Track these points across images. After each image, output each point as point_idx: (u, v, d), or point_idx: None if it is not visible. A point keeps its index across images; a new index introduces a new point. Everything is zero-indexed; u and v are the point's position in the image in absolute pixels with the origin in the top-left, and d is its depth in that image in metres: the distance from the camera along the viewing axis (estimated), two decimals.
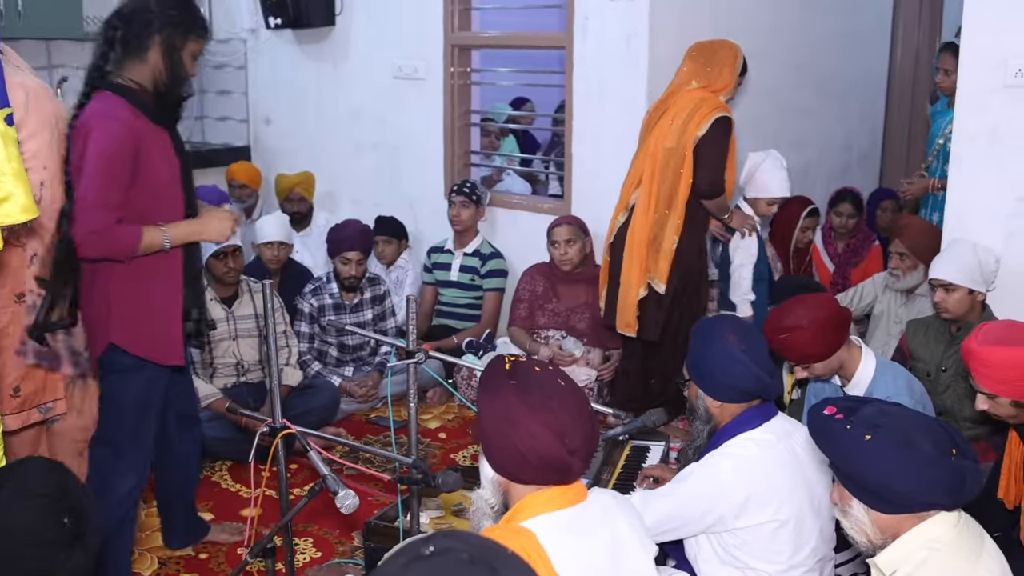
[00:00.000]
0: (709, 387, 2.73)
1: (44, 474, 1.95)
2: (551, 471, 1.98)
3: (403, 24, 5.90)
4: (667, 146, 4.37)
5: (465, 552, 1.25)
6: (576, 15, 5.17)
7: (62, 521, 1.87)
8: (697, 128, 4.32)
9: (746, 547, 2.63)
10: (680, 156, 4.35)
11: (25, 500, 1.87)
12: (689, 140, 4.32)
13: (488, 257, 5.51)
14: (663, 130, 4.40)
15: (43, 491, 1.89)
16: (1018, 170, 3.81)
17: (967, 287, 3.72)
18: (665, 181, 4.40)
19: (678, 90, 4.48)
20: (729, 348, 2.65)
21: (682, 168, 4.36)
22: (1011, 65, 3.74)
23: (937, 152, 5.30)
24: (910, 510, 2.00)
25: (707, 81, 4.43)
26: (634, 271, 4.47)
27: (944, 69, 5.17)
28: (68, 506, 1.89)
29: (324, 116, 6.48)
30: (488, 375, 2.08)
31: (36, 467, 1.99)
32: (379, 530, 3.23)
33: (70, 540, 1.87)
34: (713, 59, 4.45)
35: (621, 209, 4.59)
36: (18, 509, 1.85)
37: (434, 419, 4.95)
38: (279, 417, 2.70)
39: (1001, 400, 2.79)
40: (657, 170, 4.42)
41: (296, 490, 4.07)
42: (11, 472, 1.97)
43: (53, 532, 1.85)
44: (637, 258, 4.46)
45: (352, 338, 5.06)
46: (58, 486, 1.92)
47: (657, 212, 4.42)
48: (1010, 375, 2.74)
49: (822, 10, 6.02)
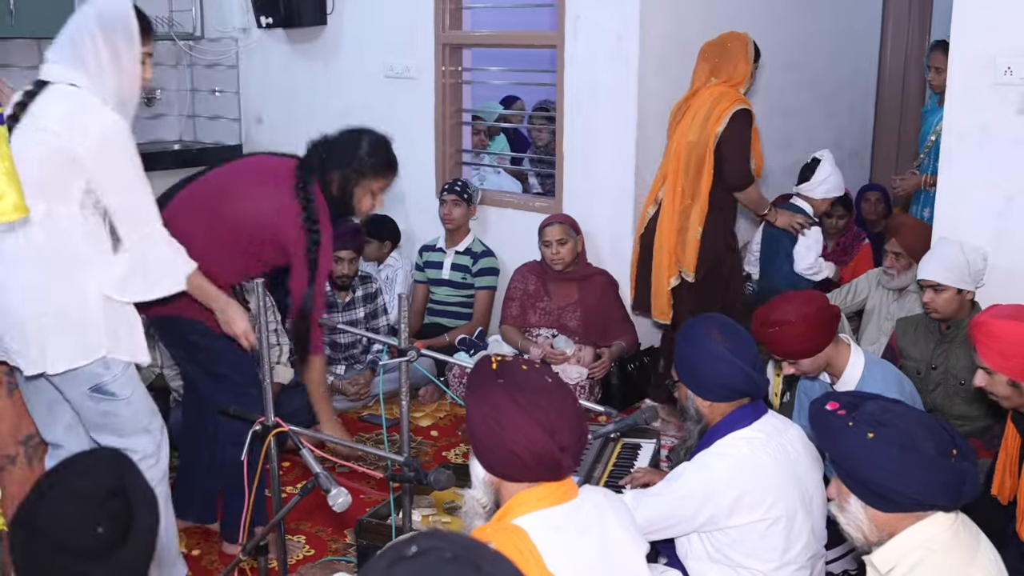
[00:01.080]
0: (697, 387, 2.74)
1: (99, 473, 1.82)
2: (542, 469, 1.98)
3: (394, 23, 5.90)
4: (689, 140, 4.51)
5: (448, 551, 1.25)
6: (567, 14, 5.18)
7: (95, 530, 1.74)
8: (717, 124, 4.44)
9: (738, 545, 2.64)
10: (702, 151, 4.48)
11: (68, 500, 1.76)
12: (710, 136, 4.45)
13: (480, 255, 5.52)
14: (685, 128, 4.54)
15: (89, 492, 1.77)
16: (1008, 168, 3.82)
17: (956, 287, 3.73)
18: (688, 175, 4.54)
19: (701, 88, 4.59)
20: (715, 347, 2.66)
21: (704, 162, 4.49)
22: (1000, 63, 3.76)
23: (929, 149, 5.33)
24: (908, 509, 2.00)
25: (726, 76, 4.54)
26: (664, 261, 4.63)
27: (935, 67, 5.20)
28: (111, 512, 1.76)
29: (316, 115, 6.46)
30: (476, 375, 2.08)
31: (95, 463, 1.87)
32: (371, 528, 3.23)
33: (102, 551, 1.74)
34: (725, 54, 4.55)
35: (651, 202, 4.75)
36: (56, 510, 1.75)
37: (426, 417, 4.96)
38: (271, 415, 2.71)
39: (998, 378, 2.81)
40: (680, 165, 4.56)
41: (289, 488, 4.07)
42: (68, 467, 1.86)
43: (83, 541, 1.73)
44: (667, 248, 4.61)
45: (344, 336, 5.06)
46: (109, 488, 1.78)
47: (682, 204, 4.56)
48: (1012, 350, 2.77)
49: (813, 10, 6.04)
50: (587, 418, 2.13)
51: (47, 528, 1.74)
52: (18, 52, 6.16)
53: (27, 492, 1.83)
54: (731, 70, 4.52)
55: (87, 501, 1.76)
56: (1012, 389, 2.80)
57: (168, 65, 7.01)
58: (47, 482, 1.83)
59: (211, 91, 7.00)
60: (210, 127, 7.09)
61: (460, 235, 5.54)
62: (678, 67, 5.21)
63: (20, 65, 6.21)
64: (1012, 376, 2.78)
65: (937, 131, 4.96)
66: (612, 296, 5.10)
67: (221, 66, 6.87)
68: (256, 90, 6.78)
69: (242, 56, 6.74)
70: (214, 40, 6.83)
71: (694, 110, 4.53)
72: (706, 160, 4.47)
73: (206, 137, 7.11)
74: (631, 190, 5.13)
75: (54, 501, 1.77)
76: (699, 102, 4.53)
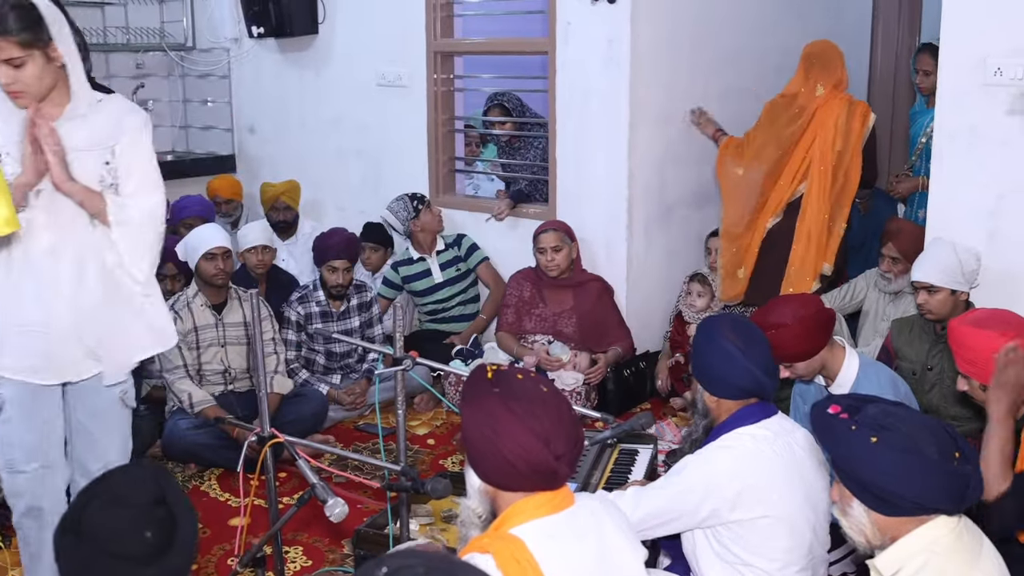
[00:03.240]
0: (706, 381, 2.76)
1: (142, 483, 1.90)
2: (538, 477, 1.98)
3: (386, 31, 5.91)
4: (837, 149, 4.79)
5: (421, 566, 1.26)
6: (558, 20, 5.18)
7: (144, 535, 1.83)
8: (863, 128, 4.80)
9: (741, 541, 2.63)
10: (850, 156, 4.79)
11: (116, 508, 1.84)
12: (858, 141, 4.80)
13: (457, 240, 5.59)
14: (827, 133, 4.78)
15: (135, 501, 1.86)
16: (999, 168, 3.83)
17: (949, 288, 3.74)
18: (837, 178, 4.81)
19: (806, 93, 4.82)
20: (726, 345, 2.68)
21: (852, 166, 4.81)
22: (990, 64, 3.77)
23: (920, 151, 5.34)
24: (911, 513, 1.99)
25: (833, 82, 4.79)
26: (809, 261, 4.85)
27: (923, 70, 5.21)
28: (157, 518, 1.86)
29: (308, 124, 6.48)
30: (471, 385, 2.08)
31: (137, 474, 1.96)
32: (369, 537, 3.23)
33: (151, 555, 1.84)
34: (828, 62, 4.81)
35: (773, 212, 4.97)
36: (106, 518, 1.83)
37: (422, 425, 4.96)
38: (267, 426, 2.70)
39: (973, 383, 2.82)
40: (828, 170, 4.81)
41: (285, 499, 4.06)
42: (112, 477, 1.95)
43: (134, 546, 1.83)
44: (815, 249, 4.82)
45: (339, 346, 5.06)
46: (153, 497, 1.87)
47: (829, 205, 4.82)
48: (972, 356, 2.79)
49: (802, 11, 6.05)
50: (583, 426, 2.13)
51: (98, 534, 1.82)
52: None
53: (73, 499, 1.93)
54: (836, 77, 4.79)
55: (134, 509, 1.85)
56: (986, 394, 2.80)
57: (160, 76, 7.02)
58: (92, 491, 1.89)
59: (203, 101, 7.00)
60: (203, 138, 7.08)
61: (433, 238, 5.55)
62: (670, 71, 5.23)
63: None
64: (982, 381, 2.79)
65: (928, 132, 4.98)
66: (607, 302, 5.11)
67: (213, 76, 6.87)
68: (248, 100, 6.77)
69: (234, 66, 6.74)
70: (205, 51, 6.83)
71: (820, 119, 4.77)
72: (854, 164, 4.79)
73: (199, 148, 7.11)
74: (624, 195, 5.13)
75: (103, 509, 1.84)
76: (826, 112, 4.76)
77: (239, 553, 3.12)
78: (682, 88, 5.33)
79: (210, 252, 4.46)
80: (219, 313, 4.57)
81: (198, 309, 4.52)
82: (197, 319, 4.51)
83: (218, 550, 3.74)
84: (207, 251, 4.46)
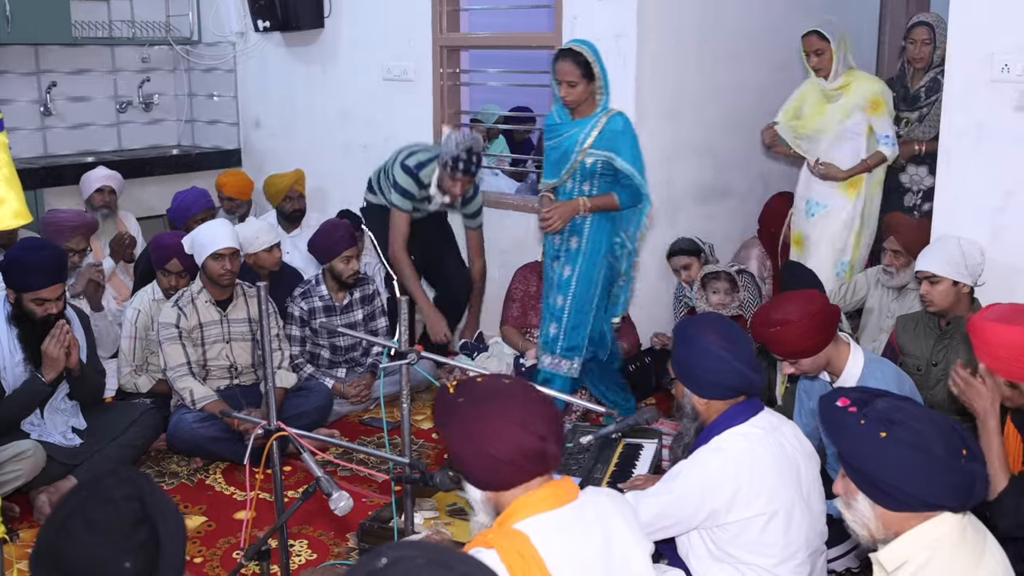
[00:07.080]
0: (694, 385, 2.75)
1: (120, 501, 1.74)
2: (530, 463, 2.00)
3: (391, 26, 5.91)
4: None
5: (420, 557, 1.26)
6: (564, 15, 5.18)
7: (123, 566, 1.69)
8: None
9: (737, 541, 2.64)
10: None
11: (92, 536, 1.70)
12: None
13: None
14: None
15: (113, 526, 1.71)
16: (1005, 164, 3.83)
17: (951, 279, 3.74)
18: None
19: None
20: (710, 346, 2.67)
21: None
22: (997, 60, 3.76)
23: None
24: (917, 509, 1.99)
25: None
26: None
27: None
28: (138, 542, 1.72)
29: (314, 118, 6.48)
30: (440, 407, 2.12)
31: (116, 492, 1.76)
32: (373, 531, 3.24)
33: None
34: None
35: None
36: (81, 547, 1.69)
37: (427, 419, 4.96)
38: (274, 420, 2.71)
39: (997, 379, 2.81)
40: None
41: (290, 492, 4.07)
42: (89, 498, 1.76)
43: None
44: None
45: (344, 339, 5.05)
46: (133, 519, 1.73)
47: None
48: (1003, 353, 2.77)
49: (808, 10, 6.03)
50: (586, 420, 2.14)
51: (73, 566, 1.70)
52: (14, 59, 6.18)
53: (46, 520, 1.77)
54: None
55: (113, 535, 1.71)
56: (1012, 390, 2.80)
57: (166, 70, 7.03)
58: (66, 511, 1.75)
59: (209, 95, 7.01)
60: (208, 132, 7.09)
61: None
62: (676, 65, 5.22)
63: (17, 71, 6.23)
64: (1009, 378, 2.78)
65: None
66: None
67: (219, 70, 6.88)
68: (254, 94, 6.78)
69: (240, 60, 6.75)
70: (211, 44, 6.84)
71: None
72: None
73: (204, 142, 7.12)
74: None
75: (78, 536, 1.71)
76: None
77: (244, 546, 3.13)
78: (688, 83, 5.33)
79: (218, 252, 4.44)
80: (224, 310, 4.57)
81: (203, 306, 4.52)
82: (202, 315, 4.51)
83: (223, 543, 3.75)
84: (215, 251, 4.44)
